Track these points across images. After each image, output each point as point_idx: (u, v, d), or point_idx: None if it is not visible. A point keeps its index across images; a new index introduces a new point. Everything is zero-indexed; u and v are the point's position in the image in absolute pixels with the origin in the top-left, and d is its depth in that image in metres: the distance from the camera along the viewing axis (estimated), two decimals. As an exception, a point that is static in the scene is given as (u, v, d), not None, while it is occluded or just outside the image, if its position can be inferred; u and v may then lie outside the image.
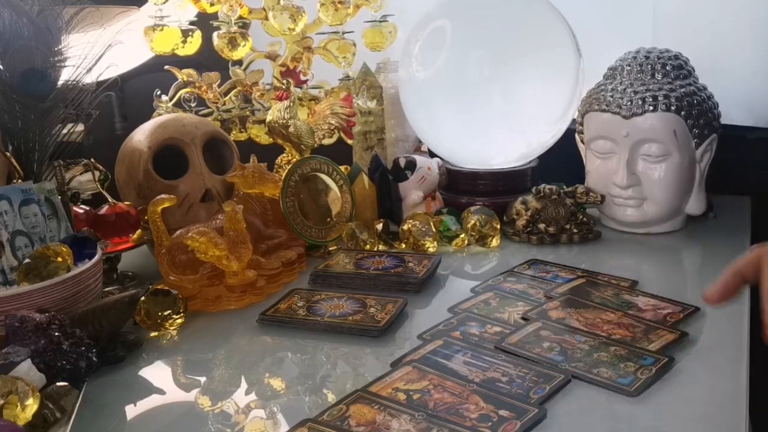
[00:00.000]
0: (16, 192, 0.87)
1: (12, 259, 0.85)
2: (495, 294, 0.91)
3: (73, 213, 0.98)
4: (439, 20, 1.20)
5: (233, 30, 1.25)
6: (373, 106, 1.27)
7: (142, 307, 0.86)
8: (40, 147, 0.92)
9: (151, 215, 0.94)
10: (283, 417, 0.69)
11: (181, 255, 0.94)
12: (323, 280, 0.99)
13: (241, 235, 0.93)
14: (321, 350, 0.82)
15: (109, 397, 0.73)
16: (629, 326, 0.80)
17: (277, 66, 1.32)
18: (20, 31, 0.86)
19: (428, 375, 0.71)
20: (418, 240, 1.08)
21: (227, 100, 1.33)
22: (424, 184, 1.18)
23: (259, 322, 0.88)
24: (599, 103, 1.13)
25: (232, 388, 0.75)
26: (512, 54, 1.15)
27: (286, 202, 1.06)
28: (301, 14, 1.24)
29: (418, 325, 0.85)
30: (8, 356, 0.68)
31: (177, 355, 0.83)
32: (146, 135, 1.08)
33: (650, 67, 1.12)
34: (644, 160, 1.10)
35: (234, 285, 0.93)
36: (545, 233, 1.12)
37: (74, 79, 0.91)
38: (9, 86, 0.87)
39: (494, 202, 1.18)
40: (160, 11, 1.24)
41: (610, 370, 0.71)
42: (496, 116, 1.17)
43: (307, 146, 1.15)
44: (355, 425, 0.63)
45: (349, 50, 1.33)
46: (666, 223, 1.14)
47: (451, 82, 1.16)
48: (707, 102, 1.11)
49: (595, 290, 0.90)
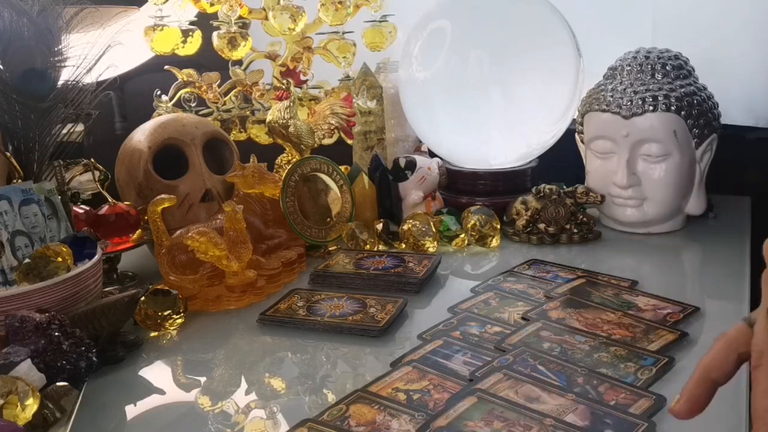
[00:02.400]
0: (16, 192, 0.87)
1: (12, 259, 0.85)
2: (495, 294, 0.91)
3: (73, 213, 0.98)
4: (439, 20, 1.20)
5: (233, 30, 1.25)
6: (373, 106, 1.27)
7: (142, 307, 0.86)
8: (40, 147, 0.92)
9: (151, 215, 0.94)
10: (283, 417, 0.69)
11: (181, 255, 0.94)
12: (323, 280, 0.99)
13: (241, 235, 0.93)
14: (321, 350, 0.82)
15: (109, 397, 0.74)
16: (629, 326, 0.80)
17: (277, 66, 1.32)
18: (20, 31, 0.86)
19: (428, 375, 0.71)
20: (418, 240, 1.08)
21: (227, 100, 1.33)
22: (424, 184, 1.18)
23: (259, 322, 0.88)
24: (599, 103, 1.13)
25: (232, 388, 0.75)
26: (512, 54, 1.15)
27: (286, 202, 1.06)
28: (301, 14, 1.24)
29: (418, 325, 0.85)
30: (8, 356, 0.68)
31: (177, 355, 0.83)
32: (146, 135, 1.08)
33: (650, 67, 1.12)
34: (644, 160, 1.10)
35: (234, 285, 0.93)
36: (545, 233, 1.12)
37: (74, 79, 0.91)
38: (9, 86, 0.87)
39: (494, 202, 1.18)
40: (160, 11, 1.24)
41: (611, 371, 0.71)
42: (496, 116, 1.17)
43: (307, 146, 1.15)
44: (355, 425, 0.63)
45: (349, 50, 1.33)
46: (666, 223, 1.14)
47: (451, 82, 1.16)
48: (707, 102, 1.11)
49: (595, 290, 0.90)
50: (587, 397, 0.66)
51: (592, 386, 0.68)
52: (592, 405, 0.64)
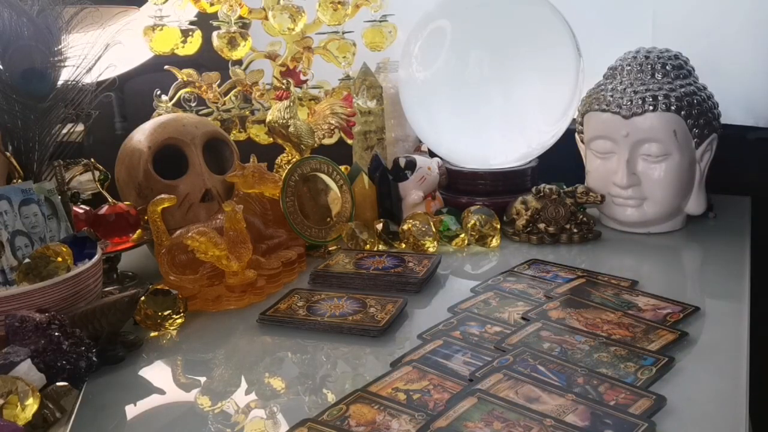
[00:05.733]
0: (16, 192, 0.87)
1: (12, 259, 0.85)
2: (495, 294, 0.91)
3: (73, 213, 0.98)
4: (439, 20, 1.20)
5: (233, 30, 1.25)
6: (373, 106, 1.27)
7: (142, 307, 0.86)
8: (40, 147, 0.92)
9: (151, 215, 0.94)
10: (283, 417, 0.69)
11: (181, 255, 0.94)
12: (323, 280, 0.99)
13: (241, 235, 0.93)
14: (321, 350, 0.82)
15: (109, 397, 0.74)
16: (629, 326, 0.80)
17: (277, 66, 1.32)
18: (20, 31, 0.86)
19: (428, 375, 0.71)
20: (418, 240, 1.08)
21: (227, 100, 1.33)
22: (424, 184, 1.18)
23: (259, 322, 0.88)
24: (599, 102, 1.13)
25: (232, 388, 0.75)
26: (512, 54, 1.15)
27: (286, 202, 1.06)
28: (300, 14, 1.24)
29: (418, 325, 0.85)
30: (8, 356, 0.68)
31: (177, 355, 0.83)
32: (146, 135, 1.08)
33: (650, 67, 1.12)
34: (644, 159, 1.10)
35: (234, 285, 0.93)
36: (545, 233, 1.12)
37: (74, 79, 0.91)
38: (9, 86, 0.87)
39: (494, 202, 1.18)
40: (159, 11, 1.24)
41: (611, 371, 0.71)
42: (496, 116, 1.17)
43: (307, 146, 1.15)
44: (355, 425, 0.63)
45: (349, 50, 1.33)
46: (666, 223, 1.14)
47: (451, 82, 1.16)
48: (707, 102, 1.11)
49: (595, 290, 0.90)
50: (587, 398, 0.66)
51: (592, 386, 0.68)
52: (592, 405, 0.64)
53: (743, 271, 0.97)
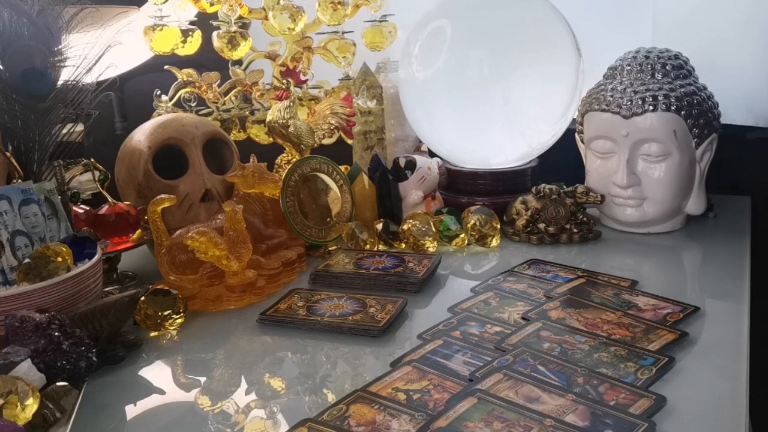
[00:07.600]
0: (16, 192, 0.87)
1: (12, 259, 0.85)
2: (495, 294, 0.91)
3: (73, 213, 0.98)
4: (439, 20, 1.20)
5: (233, 30, 1.26)
6: (373, 106, 1.27)
7: (142, 307, 0.86)
8: (40, 147, 0.92)
9: (151, 215, 0.94)
10: (283, 417, 0.69)
11: (181, 255, 0.94)
12: (323, 280, 0.99)
13: (241, 235, 0.93)
14: (321, 350, 0.82)
15: (109, 397, 0.74)
16: (629, 326, 0.80)
17: (277, 66, 1.32)
18: (20, 31, 0.86)
19: (428, 375, 0.71)
20: (418, 240, 1.08)
21: (227, 100, 1.33)
22: (424, 184, 1.18)
23: (259, 322, 0.88)
24: (599, 102, 1.13)
25: (232, 388, 0.75)
26: (512, 54, 1.15)
27: (286, 202, 1.06)
28: (300, 14, 1.24)
29: (418, 325, 0.85)
30: (8, 356, 0.68)
31: (177, 355, 0.83)
32: (146, 135, 1.08)
33: (650, 67, 1.12)
34: (644, 159, 1.10)
35: (234, 285, 0.93)
36: (545, 233, 1.12)
37: (74, 79, 0.91)
38: (9, 86, 0.87)
39: (494, 202, 1.18)
40: (159, 11, 1.24)
41: (611, 371, 0.71)
42: (496, 116, 1.17)
43: (307, 146, 1.15)
44: (355, 425, 0.63)
45: (349, 50, 1.33)
46: (666, 223, 1.14)
47: (451, 82, 1.16)
48: (707, 102, 1.11)
49: (595, 290, 0.90)
50: (587, 398, 0.66)
51: (592, 386, 0.68)
52: (592, 405, 0.64)
53: (743, 271, 0.98)
